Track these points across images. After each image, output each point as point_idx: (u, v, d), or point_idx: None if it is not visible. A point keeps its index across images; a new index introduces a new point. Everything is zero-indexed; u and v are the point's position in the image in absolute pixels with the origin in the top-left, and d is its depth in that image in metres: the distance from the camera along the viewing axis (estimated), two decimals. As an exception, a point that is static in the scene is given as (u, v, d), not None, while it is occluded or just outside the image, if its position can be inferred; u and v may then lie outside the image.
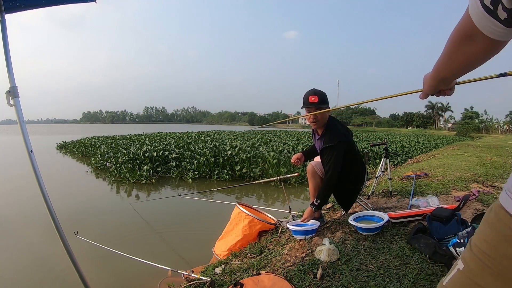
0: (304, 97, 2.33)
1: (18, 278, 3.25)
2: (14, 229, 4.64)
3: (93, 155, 12.79)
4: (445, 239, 1.89)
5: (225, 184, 7.82)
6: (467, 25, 0.58)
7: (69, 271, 1.55)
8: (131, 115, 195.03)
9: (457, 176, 4.18)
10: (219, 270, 2.11)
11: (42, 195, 1.46)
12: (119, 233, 4.37)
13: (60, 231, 1.49)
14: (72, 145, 17.62)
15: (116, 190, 7.62)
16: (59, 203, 5.64)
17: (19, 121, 1.41)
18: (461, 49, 0.63)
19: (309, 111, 2.33)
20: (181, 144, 13.79)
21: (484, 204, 2.73)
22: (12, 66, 1.40)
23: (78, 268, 1.53)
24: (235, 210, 2.84)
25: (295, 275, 1.78)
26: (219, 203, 5.74)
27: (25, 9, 1.48)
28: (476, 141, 18.38)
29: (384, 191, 3.55)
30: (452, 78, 0.76)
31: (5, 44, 1.38)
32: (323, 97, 2.31)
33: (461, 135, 43.23)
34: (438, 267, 1.68)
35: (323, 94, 2.33)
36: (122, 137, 20.70)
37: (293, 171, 8.12)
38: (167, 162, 9.88)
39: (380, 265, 1.76)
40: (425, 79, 0.82)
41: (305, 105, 2.32)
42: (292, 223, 2.48)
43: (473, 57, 0.63)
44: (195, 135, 22.94)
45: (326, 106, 2.32)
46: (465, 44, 0.61)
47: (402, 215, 2.34)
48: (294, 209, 3.14)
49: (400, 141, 19.74)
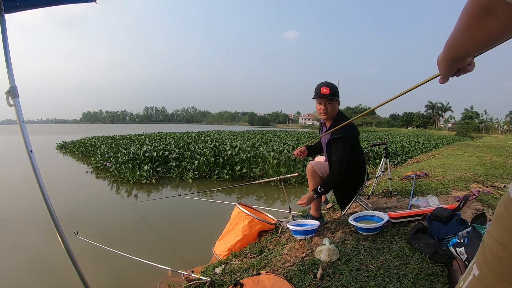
0: (316, 88, 2.40)
1: (18, 278, 3.25)
2: (14, 229, 4.64)
3: (93, 155, 12.79)
4: (445, 239, 1.89)
5: (225, 184, 7.82)
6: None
7: (69, 271, 1.54)
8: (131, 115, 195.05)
9: (457, 176, 4.18)
10: (219, 270, 2.11)
11: (42, 195, 1.46)
12: (119, 233, 4.37)
13: (60, 231, 1.49)
14: (72, 145, 17.61)
15: (116, 190, 7.62)
16: (60, 203, 5.64)
17: (18, 121, 1.41)
18: (478, 24, 0.51)
19: (320, 102, 2.41)
20: (181, 144, 13.79)
21: (484, 204, 2.73)
22: (11, 66, 1.40)
23: (78, 268, 1.53)
24: (235, 210, 2.84)
25: (295, 275, 1.78)
26: (219, 203, 5.75)
27: (25, 9, 1.48)
28: (476, 141, 18.37)
29: (384, 191, 3.55)
30: (468, 56, 0.64)
31: (5, 44, 1.38)
32: (335, 90, 2.38)
33: (461, 135, 43.20)
34: (438, 267, 1.68)
35: (335, 87, 2.39)
36: (122, 137, 20.69)
37: (293, 171, 8.12)
38: (167, 162, 9.87)
39: (380, 265, 1.76)
40: (439, 62, 0.70)
41: (317, 95, 2.39)
42: (292, 223, 2.48)
43: (493, 34, 0.51)
44: (195, 135, 22.93)
45: (336, 98, 2.41)
46: (483, 18, 0.50)
47: (402, 215, 2.34)
48: (294, 209, 3.13)
49: (400, 141, 19.73)
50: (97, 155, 11.93)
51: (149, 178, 8.32)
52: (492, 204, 2.76)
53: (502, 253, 0.54)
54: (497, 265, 0.55)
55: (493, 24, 0.49)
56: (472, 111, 64.58)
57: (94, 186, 8.36)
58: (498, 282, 0.55)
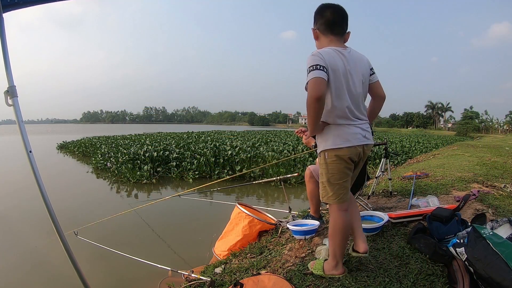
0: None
1: (18, 278, 3.25)
2: (13, 230, 4.64)
3: (93, 155, 12.80)
4: (445, 239, 1.89)
5: (225, 184, 7.83)
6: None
7: (69, 271, 1.54)
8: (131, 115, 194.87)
9: (457, 176, 4.18)
10: (219, 270, 2.11)
11: (42, 195, 1.45)
12: (119, 233, 4.37)
13: (60, 231, 1.48)
14: (72, 145, 17.63)
15: (116, 190, 7.63)
16: (60, 203, 5.64)
17: (17, 121, 1.40)
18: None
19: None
20: (182, 144, 13.79)
21: (484, 204, 2.72)
22: (10, 66, 1.39)
23: (78, 268, 1.53)
24: (235, 210, 2.84)
25: (295, 275, 1.78)
26: (219, 203, 5.74)
27: (24, 6, 1.46)
28: (476, 141, 18.37)
29: (384, 191, 3.55)
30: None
31: (3, 43, 1.38)
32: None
33: (461, 135, 43.21)
34: (438, 267, 1.68)
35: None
36: (122, 137, 20.70)
37: (293, 171, 8.12)
38: (168, 162, 9.88)
39: (380, 265, 1.75)
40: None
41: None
42: (292, 223, 2.47)
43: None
44: (196, 135, 22.94)
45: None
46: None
47: (402, 215, 2.34)
48: (294, 209, 3.13)
49: (400, 141, 19.74)
50: (97, 155, 11.94)
51: (149, 178, 8.33)
52: (492, 204, 2.76)
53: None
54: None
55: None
56: (472, 111, 64.47)
57: (95, 186, 8.36)
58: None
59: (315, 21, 1.62)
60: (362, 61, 1.59)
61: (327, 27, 1.57)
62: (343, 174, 1.55)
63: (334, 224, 1.62)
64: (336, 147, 1.51)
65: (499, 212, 2.57)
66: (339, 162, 1.52)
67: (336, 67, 1.46)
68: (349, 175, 1.58)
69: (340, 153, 1.51)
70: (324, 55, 1.45)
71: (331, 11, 1.56)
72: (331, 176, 1.56)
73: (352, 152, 1.52)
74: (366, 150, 1.60)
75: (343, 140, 1.50)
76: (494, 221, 1.84)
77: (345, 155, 1.51)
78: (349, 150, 1.51)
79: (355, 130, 1.53)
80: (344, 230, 1.60)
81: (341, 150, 1.51)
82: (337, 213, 1.60)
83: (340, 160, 1.52)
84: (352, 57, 1.55)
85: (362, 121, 1.57)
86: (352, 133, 1.52)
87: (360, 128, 1.55)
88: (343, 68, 1.49)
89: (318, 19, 1.60)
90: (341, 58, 1.49)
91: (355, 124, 1.53)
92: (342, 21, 1.58)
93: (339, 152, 1.51)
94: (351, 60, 1.53)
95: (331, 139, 1.52)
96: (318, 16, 1.60)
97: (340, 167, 1.53)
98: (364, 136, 1.55)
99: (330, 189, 1.58)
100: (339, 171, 1.54)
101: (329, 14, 1.56)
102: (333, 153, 1.52)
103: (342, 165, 1.53)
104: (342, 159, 1.52)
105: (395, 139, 21.25)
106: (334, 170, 1.54)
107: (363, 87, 1.58)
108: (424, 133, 51.94)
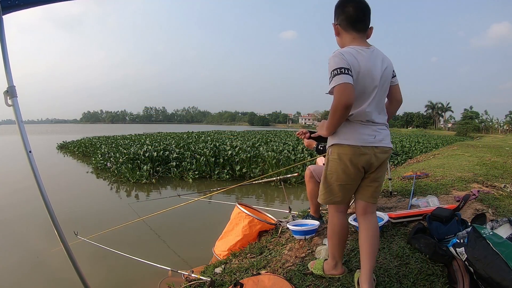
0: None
1: (18, 278, 3.25)
2: (13, 230, 4.64)
3: (93, 155, 12.79)
4: (445, 239, 1.88)
5: (225, 184, 7.82)
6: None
7: (68, 271, 1.54)
8: (131, 115, 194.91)
9: (457, 176, 4.18)
10: (219, 270, 2.11)
11: (41, 196, 1.45)
12: (119, 233, 4.36)
13: (60, 231, 1.48)
14: (72, 145, 17.62)
15: (116, 190, 7.63)
16: (60, 203, 5.65)
17: (17, 121, 1.40)
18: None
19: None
20: (181, 144, 13.79)
21: (484, 204, 2.72)
22: (10, 66, 1.39)
23: (78, 268, 1.53)
24: (235, 210, 2.84)
25: (295, 275, 1.78)
26: (219, 203, 5.74)
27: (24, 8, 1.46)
28: (476, 141, 18.37)
29: (384, 191, 3.55)
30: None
31: (3, 44, 1.37)
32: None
33: (461, 135, 43.19)
34: (438, 267, 1.68)
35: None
36: (122, 137, 20.70)
37: (293, 171, 8.11)
38: (168, 162, 9.88)
39: (380, 265, 1.75)
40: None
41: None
42: (292, 223, 2.47)
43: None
44: (195, 135, 22.94)
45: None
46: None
47: (402, 215, 2.34)
48: (294, 209, 3.13)
49: (400, 141, 19.73)
50: (97, 155, 11.94)
51: (149, 178, 8.33)
52: (492, 204, 2.75)
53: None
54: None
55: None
56: (472, 111, 64.47)
57: (95, 186, 8.37)
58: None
59: (336, 16, 1.50)
60: (385, 63, 1.47)
61: (349, 23, 1.46)
62: (342, 176, 1.47)
63: (331, 226, 1.60)
64: (339, 142, 1.44)
65: (499, 212, 2.57)
66: (339, 161, 1.45)
67: (359, 68, 1.37)
68: (350, 178, 1.47)
69: (341, 152, 1.44)
70: (347, 55, 1.36)
71: (354, 7, 1.44)
72: (328, 174, 1.51)
73: (355, 153, 1.41)
74: (379, 153, 1.45)
75: (348, 137, 1.42)
76: (494, 221, 1.84)
77: (346, 155, 1.42)
78: (352, 150, 1.41)
79: (366, 130, 1.42)
80: (340, 232, 1.58)
81: (342, 148, 1.43)
82: (334, 214, 1.58)
83: (340, 160, 1.44)
84: (376, 57, 1.45)
85: (379, 125, 1.46)
86: (361, 132, 1.42)
87: (373, 130, 1.44)
88: (365, 70, 1.39)
89: (339, 14, 1.48)
90: (364, 59, 1.39)
91: (370, 126, 1.43)
92: (364, 17, 1.46)
93: (341, 150, 1.44)
94: (374, 61, 1.43)
95: (339, 135, 1.45)
96: (339, 10, 1.48)
97: (338, 167, 1.46)
98: (374, 137, 1.42)
99: (324, 187, 1.54)
100: (337, 172, 1.47)
101: (351, 9, 1.44)
102: (336, 150, 1.46)
103: (341, 166, 1.45)
104: (342, 160, 1.44)
105: (395, 139, 21.24)
106: (332, 169, 1.49)
107: (384, 89, 1.48)
108: (424, 133, 51.92)
